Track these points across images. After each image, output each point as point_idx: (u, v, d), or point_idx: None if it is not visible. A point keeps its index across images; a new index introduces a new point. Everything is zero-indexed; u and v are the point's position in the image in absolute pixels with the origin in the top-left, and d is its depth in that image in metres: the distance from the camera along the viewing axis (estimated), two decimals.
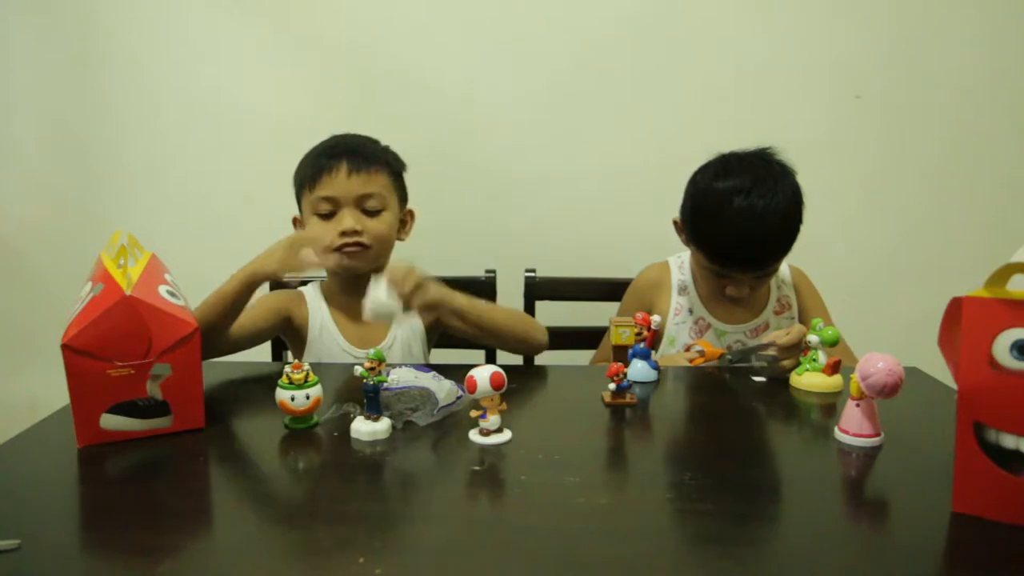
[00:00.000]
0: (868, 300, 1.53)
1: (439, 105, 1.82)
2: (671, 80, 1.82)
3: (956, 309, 0.70)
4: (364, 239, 1.22)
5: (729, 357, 1.21)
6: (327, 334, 1.27)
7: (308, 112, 1.77)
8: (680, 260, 1.43)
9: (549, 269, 1.57)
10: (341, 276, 1.29)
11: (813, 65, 1.82)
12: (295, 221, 1.32)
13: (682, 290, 1.40)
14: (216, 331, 1.07)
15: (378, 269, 1.11)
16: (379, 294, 1.03)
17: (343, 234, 1.21)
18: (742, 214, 1.20)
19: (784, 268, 1.43)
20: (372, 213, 1.24)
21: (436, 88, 1.82)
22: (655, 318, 1.14)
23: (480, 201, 1.84)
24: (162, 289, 0.89)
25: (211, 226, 1.88)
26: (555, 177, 1.87)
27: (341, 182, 1.22)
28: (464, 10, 1.80)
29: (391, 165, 1.28)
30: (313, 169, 1.23)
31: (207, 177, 1.87)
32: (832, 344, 1.10)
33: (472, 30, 1.81)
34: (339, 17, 1.80)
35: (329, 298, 1.31)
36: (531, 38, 1.81)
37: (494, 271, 1.54)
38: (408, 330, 1.32)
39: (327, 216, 1.23)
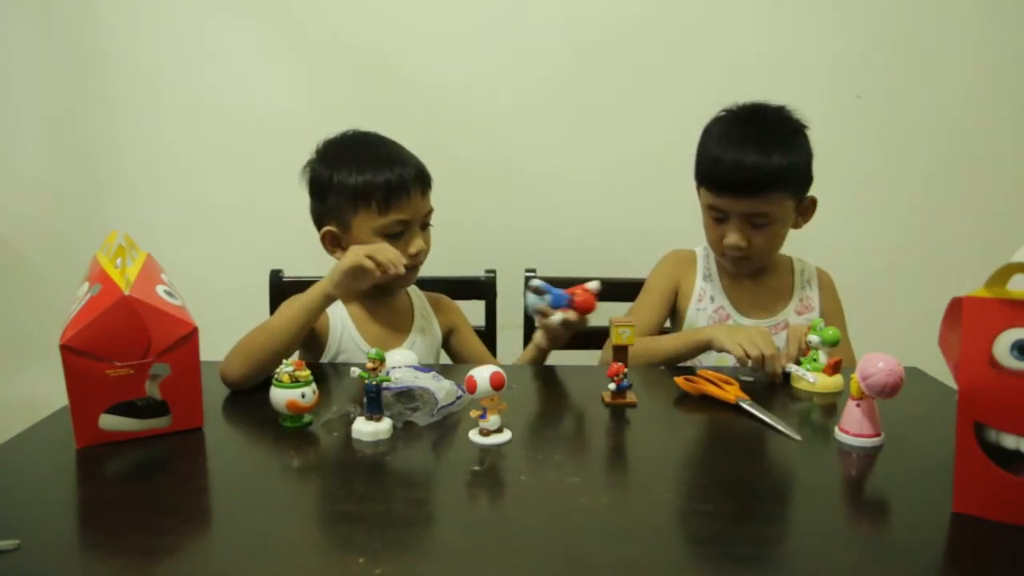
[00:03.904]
0: (868, 300, 1.53)
1: (439, 104, 1.82)
2: (671, 80, 1.82)
3: (956, 309, 0.70)
4: (423, 257, 1.25)
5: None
6: (347, 336, 1.25)
7: (308, 112, 1.77)
8: (706, 250, 1.43)
9: (549, 269, 1.57)
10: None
11: (813, 65, 1.82)
12: (326, 235, 1.23)
13: (706, 276, 1.41)
14: (286, 353, 1.03)
15: None
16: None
17: (412, 256, 1.21)
18: (734, 125, 1.27)
19: (812, 269, 1.43)
20: (425, 228, 1.26)
21: (436, 87, 1.82)
22: None
23: (480, 201, 1.84)
24: (160, 289, 0.89)
25: (211, 226, 1.87)
26: (555, 177, 1.86)
27: (416, 204, 1.21)
28: (464, 9, 1.80)
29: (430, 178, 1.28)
30: (384, 192, 1.18)
31: (207, 177, 1.86)
32: (832, 344, 1.10)
33: (472, 29, 1.81)
34: (340, 17, 1.80)
35: (347, 300, 1.28)
36: (531, 37, 1.81)
37: (494, 271, 1.54)
38: (430, 336, 1.33)
39: (395, 236, 1.20)
